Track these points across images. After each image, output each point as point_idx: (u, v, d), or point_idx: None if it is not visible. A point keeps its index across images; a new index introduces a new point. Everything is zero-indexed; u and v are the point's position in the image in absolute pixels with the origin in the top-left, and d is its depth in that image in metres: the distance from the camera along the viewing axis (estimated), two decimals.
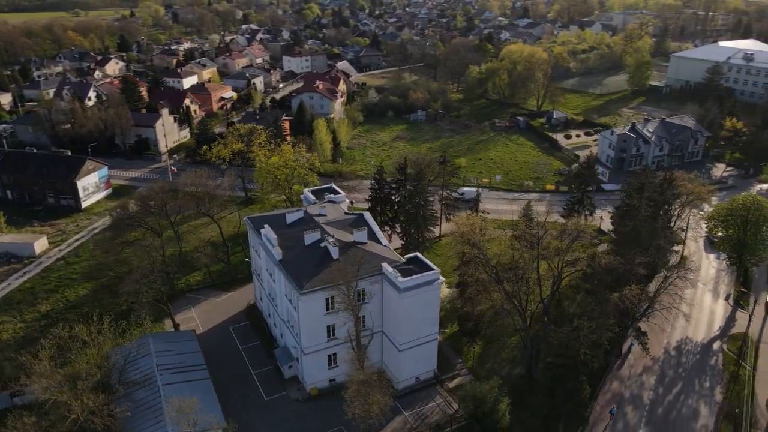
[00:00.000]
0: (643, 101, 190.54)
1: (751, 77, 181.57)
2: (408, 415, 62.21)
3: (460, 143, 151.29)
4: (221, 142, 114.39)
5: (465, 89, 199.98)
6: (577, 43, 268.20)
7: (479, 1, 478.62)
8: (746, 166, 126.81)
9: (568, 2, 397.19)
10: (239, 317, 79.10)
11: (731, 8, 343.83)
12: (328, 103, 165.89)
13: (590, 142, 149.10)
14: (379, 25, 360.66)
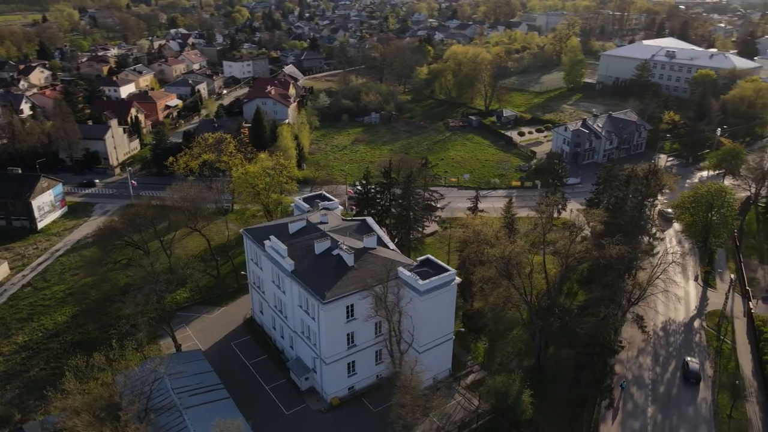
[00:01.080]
0: (580, 98, 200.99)
1: (674, 73, 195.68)
2: (432, 415, 63.17)
3: (419, 144, 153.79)
4: (188, 153, 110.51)
5: (413, 90, 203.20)
6: (509, 43, 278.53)
7: (407, 3, 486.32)
8: (686, 155, 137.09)
9: (493, 4, 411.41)
10: (239, 332, 77.19)
11: (644, 9, 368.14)
12: (282, 109, 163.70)
13: (541, 139, 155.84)
14: (313, 27, 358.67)
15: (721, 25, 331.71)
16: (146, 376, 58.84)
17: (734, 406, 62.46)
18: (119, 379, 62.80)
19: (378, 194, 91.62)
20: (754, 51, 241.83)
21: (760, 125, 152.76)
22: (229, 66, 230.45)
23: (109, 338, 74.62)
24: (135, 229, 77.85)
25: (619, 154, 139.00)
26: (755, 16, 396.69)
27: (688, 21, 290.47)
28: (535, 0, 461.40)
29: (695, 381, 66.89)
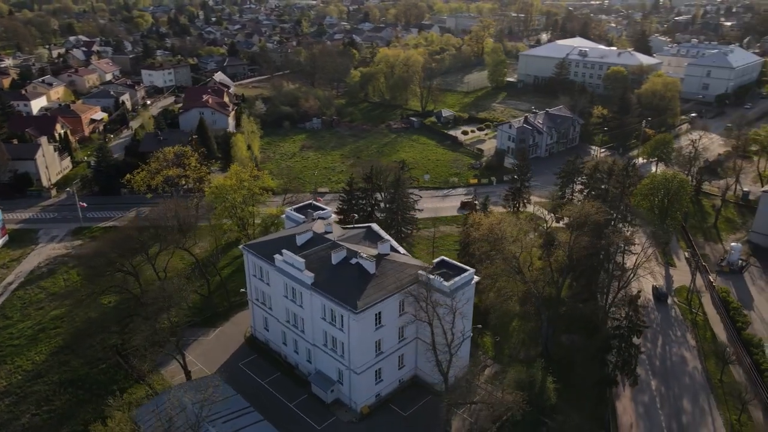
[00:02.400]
0: (505, 96, 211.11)
1: (587, 70, 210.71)
2: (461, 412, 64.82)
3: (367, 147, 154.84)
4: (146, 169, 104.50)
5: (347, 94, 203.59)
6: (427, 45, 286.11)
7: (314, 6, 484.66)
8: (617, 147, 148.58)
9: (403, 6, 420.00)
10: (243, 352, 74.66)
11: (544, 11, 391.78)
12: (222, 118, 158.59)
13: (483, 137, 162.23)
14: (224, 32, 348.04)
15: (612, 26, 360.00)
16: (169, 407, 55.89)
17: (723, 371, 69.46)
18: (140, 414, 59.32)
19: (362, 199, 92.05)
20: (647, 49, 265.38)
21: (671, 116, 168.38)
22: (149, 75, 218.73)
23: (100, 373, 70.51)
24: (125, 254, 72.67)
25: (558, 147, 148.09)
26: (637, 16, 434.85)
27: (587, 22, 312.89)
28: (440, 3, 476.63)
29: (664, 299, 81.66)
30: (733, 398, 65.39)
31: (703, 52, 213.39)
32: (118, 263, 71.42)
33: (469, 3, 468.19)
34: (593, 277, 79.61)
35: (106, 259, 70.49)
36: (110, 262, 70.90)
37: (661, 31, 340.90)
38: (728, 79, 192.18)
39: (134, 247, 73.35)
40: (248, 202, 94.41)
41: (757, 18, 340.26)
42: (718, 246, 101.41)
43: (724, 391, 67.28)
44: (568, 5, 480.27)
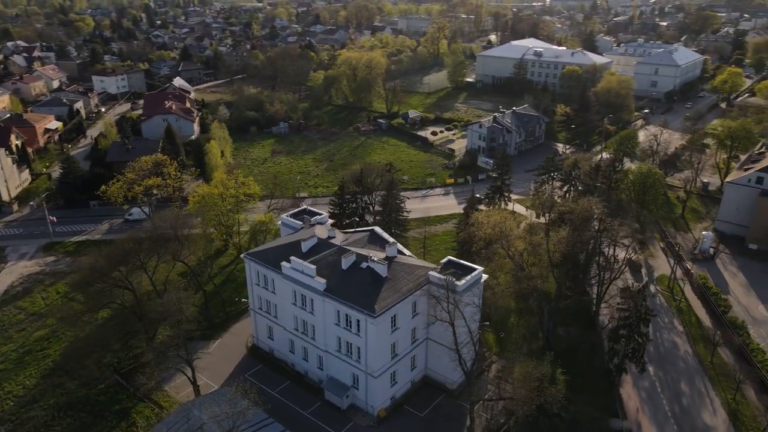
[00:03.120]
0: (466, 96, 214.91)
1: (543, 70, 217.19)
2: (477, 409, 65.83)
3: (339, 150, 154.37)
4: (120, 180, 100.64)
5: (310, 97, 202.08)
6: (382, 46, 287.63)
7: (264, 8, 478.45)
8: (580, 143, 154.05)
9: (354, 8, 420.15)
10: (247, 362, 73.25)
11: (492, 12, 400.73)
12: (187, 125, 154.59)
13: (452, 137, 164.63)
14: (173, 36, 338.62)
15: (558, 26, 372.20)
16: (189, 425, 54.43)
17: (713, 354, 73.44)
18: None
19: (352, 203, 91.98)
20: (594, 48, 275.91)
21: (626, 112, 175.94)
22: (101, 81, 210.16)
23: (99, 394, 67.80)
24: (122, 268, 69.75)
25: (526, 145, 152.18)
26: (579, 17, 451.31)
27: (537, 23, 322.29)
28: (389, 5, 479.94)
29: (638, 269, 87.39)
30: (727, 379, 69.36)
31: (649, 51, 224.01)
32: (117, 278, 68.44)
33: (418, 5, 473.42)
34: (583, 270, 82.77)
35: (102, 274, 67.43)
36: (108, 277, 67.85)
37: (603, 32, 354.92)
38: (675, 77, 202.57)
39: (132, 261, 70.44)
40: (234, 210, 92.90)
41: (691, 17, 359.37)
42: (688, 235, 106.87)
43: (716, 373, 71.13)
44: (512, 6, 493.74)
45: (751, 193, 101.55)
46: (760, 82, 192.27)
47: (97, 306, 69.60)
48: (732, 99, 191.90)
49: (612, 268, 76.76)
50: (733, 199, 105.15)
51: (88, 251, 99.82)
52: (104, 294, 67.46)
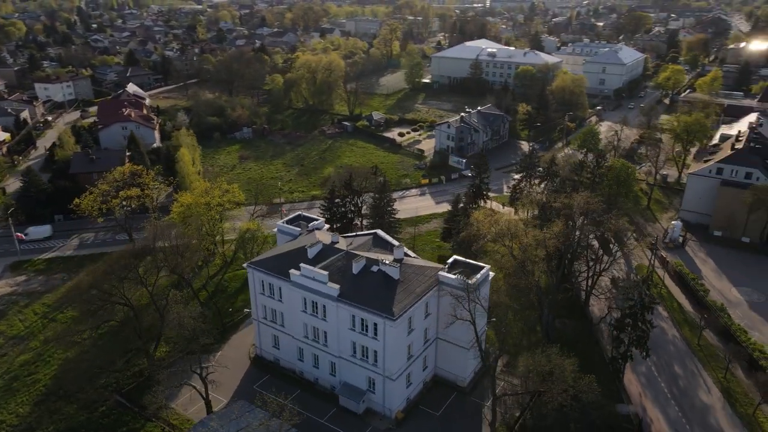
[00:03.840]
0: (425, 97, 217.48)
1: (497, 70, 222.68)
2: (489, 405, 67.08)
3: (308, 154, 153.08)
4: (94, 192, 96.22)
5: (271, 101, 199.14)
6: (334, 48, 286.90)
7: (206, 11, 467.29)
8: (543, 140, 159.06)
9: (301, 10, 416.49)
10: (253, 374, 71.82)
11: (439, 13, 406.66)
12: (149, 132, 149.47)
13: (418, 138, 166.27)
14: (114, 41, 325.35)
15: (504, 27, 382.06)
16: None
17: (699, 337, 77.83)
18: None
19: (342, 206, 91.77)
20: (542, 48, 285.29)
21: (581, 110, 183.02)
22: (45, 88, 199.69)
23: (102, 417, 65.03)
24: (122, 283, 66.68)
25: (492, 144, 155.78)
26: (519, 18, 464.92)
27: (485, 24, 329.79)
28: (334, 7, 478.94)
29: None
30: (715, 360, 73.72)
31: (595, 51, 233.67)
32: (117, 295, 65.39)
33: (363, 6, 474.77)
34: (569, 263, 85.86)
35: (102, 291, 64.34)
36: (107, 294, 64.77)
37: (544, 32, 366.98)
38: (621, 75, 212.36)
39: (131, 277, 67.51)
40: (219, 219, 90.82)
41: (625, 18, 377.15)
42: (656, 225, 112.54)
43: (704, 354, 75.42)
44: (455, 8, 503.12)
45: (713, 184, 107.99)
46: (699, 78, 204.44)
47: (96, 324, 66.34)
48: (674, 95, 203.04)
49: (601, 260, 80.00)
50: (695, 189, 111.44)
51: (59, 268, 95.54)
52: (106, 311, 64.35)
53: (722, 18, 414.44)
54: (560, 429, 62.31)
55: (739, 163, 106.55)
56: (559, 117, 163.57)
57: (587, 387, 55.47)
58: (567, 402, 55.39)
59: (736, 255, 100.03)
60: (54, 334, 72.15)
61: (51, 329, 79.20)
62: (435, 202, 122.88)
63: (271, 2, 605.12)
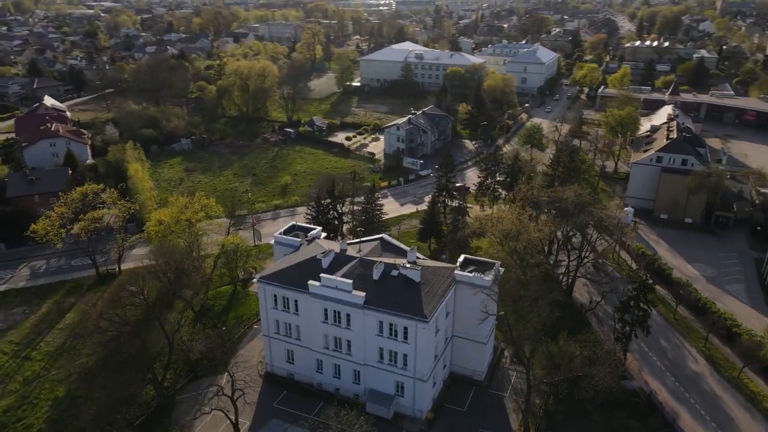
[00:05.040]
0: (359, 100, 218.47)
1: (426, 71, 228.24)
2: (508, 395, 69.53)
3: (257, 163, 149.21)
4: (50, 215, 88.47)
5: (204, 110, 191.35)
6: (254, 54, 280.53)
7: (104, 17, 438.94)
8: (485, 139, 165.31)
9: (209, 15, 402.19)
10: (267, 391, 69.74)
11: (353, 17, 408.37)
12: (81, 148, 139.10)
13: (364, 140, 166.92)
14: (4, 49, 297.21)
15: (419, 29, 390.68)
16: None
17: (675, 311, 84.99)
18: None
19: (328, 212, 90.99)
20: (459, 50, 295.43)
21: (513, 107, 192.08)
22: None
23: None
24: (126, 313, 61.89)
25: (439, 144, 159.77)
26: (428, 20, 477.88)
27: (403, 27, 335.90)
28: (242, 11, 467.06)
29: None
30: (691, 331, 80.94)
31: (515, 51, 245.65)
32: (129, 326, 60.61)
33: (273, 11, 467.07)
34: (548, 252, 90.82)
35: (113, 321, 59.45)
36: (121, 323, 59.93)
37: (455, 34, 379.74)
38: (541, 73, 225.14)
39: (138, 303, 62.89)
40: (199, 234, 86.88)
41: (529, 20, 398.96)
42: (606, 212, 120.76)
43: (682, 327, 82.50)
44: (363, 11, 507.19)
45: (654, 171, 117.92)
46: (610, 75, 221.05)
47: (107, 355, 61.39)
48: (591, 91, 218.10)
49: (585, 248, 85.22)
50: (638, 177, 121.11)
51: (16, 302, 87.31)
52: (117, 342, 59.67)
53: (611, 19, 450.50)
54: (579, 409, 65.81)
55: (675, 151, 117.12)
56: (499, 115, 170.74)
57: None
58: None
59: (683, 235, 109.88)
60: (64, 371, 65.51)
61: (28, 368, 72.22)
62: (399, 204, 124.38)
63: (170, 6, 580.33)
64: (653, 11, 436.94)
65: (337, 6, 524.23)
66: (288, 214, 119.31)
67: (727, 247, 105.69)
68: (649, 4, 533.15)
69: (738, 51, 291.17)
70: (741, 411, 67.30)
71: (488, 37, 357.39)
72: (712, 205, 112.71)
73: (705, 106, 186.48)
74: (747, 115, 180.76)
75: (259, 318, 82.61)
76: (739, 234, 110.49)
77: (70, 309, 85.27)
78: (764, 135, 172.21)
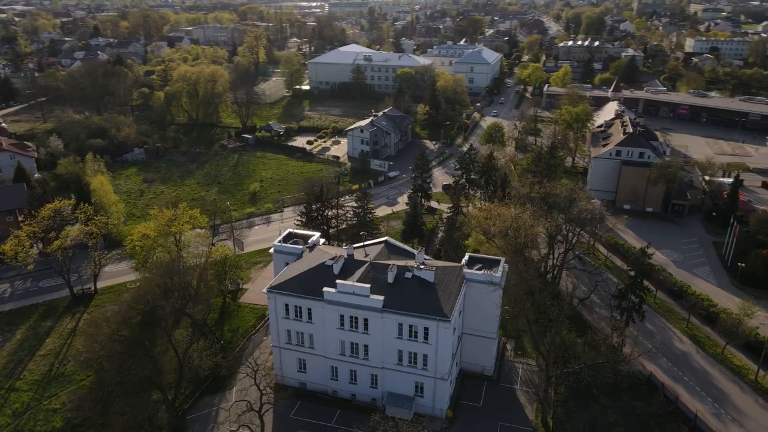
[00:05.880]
0: (310, 103, 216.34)
1: (377, 73, 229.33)
2: (519, 387, 71.39)
3: (219, 171, 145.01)
4: (19, 235, 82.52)
5: (152, 117, 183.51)
6: (194, 58, 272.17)
7: (21, 21, 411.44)
8: (444, 137, 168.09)
9: (137, 18, 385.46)
10: (282, 403, 67.89)
11: (290, 19, 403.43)
12: (29, 162, 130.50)
13: (327, 145, 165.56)
14: None
15: (358, 32, 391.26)
16: None
17: (655, 296, 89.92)
18: None
19: (318, 217, 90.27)
20: (401, 50, 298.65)
21: (466, 107, 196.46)
22: None
23: None
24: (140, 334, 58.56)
25: (400, 145, 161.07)
26: (364, 21, 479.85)
27: (344, 29, 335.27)
28: (171, 13, 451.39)
29: None
30: (671, 313, 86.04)
31: (460, 52, 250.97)
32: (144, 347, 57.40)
33: (206, 13, 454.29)
34: None
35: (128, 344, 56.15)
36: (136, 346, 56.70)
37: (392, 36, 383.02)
38: (487, 73, 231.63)
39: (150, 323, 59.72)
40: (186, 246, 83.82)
41: (464, 22, 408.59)
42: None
43: (663, 310, 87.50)
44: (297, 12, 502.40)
45: (614, 164, 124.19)
46: (552, 74, 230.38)
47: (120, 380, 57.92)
48: (535, 90, 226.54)
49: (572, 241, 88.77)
50: (599, 170, 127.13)
51: None
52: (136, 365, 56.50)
53: (540, 20, 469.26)
54: (587, 395, 68.55)
55: (633, 145, 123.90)
56: (455, 115, 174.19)
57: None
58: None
59: (646, 224, 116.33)
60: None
61: (16, 400, 67.23)
62: (373, 206, 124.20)
63: (89, 9, 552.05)
64: (577, 12, 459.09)
65: (268, 8, 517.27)
66: (262, 222, 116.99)
67: (687, 233, 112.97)
68: (571, 6, 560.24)
69: (660, 49, 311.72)
70: (730, 384, 72.34)
71: (427, 38, 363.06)
72: (669, 195, 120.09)
73: (642, 102, 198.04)
74: (681, 109, 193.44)
75: (255, 330, 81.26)
76: (694, 220, 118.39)
77: (49, 334, 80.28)
78: (697, 127, 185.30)
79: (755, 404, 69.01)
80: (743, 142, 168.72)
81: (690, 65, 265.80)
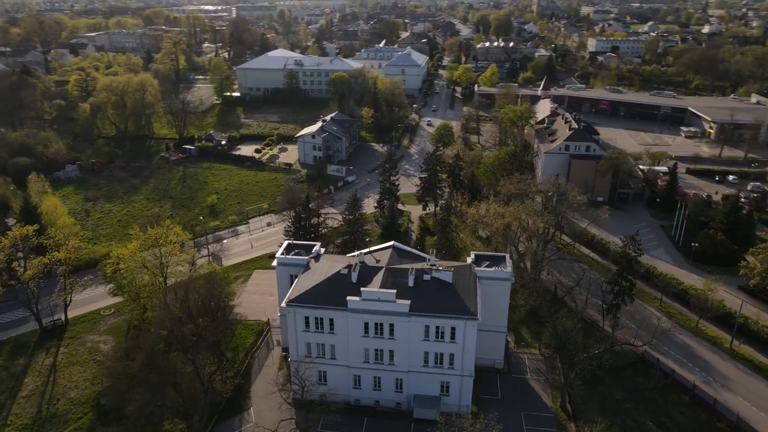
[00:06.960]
0: (244, 110, 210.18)
1: (310, 78, 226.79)
2: (530, 377, 74.11)
3: (168, 185, 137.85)
4: None
5: (78, 130, 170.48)
6: (106, 66, 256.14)
7: None
8: (391, 140, 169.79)
9: (33, 24, 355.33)
10: (303, 418, 65.99)
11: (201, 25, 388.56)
12: None
13: (275, 152, 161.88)
14: None
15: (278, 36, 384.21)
16: None
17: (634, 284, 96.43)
18: None
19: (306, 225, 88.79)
20: (325, 54, 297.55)
21: (405, 108, 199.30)
22: None
23: None
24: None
25: (351, 148, 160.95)
26: (276, 25, 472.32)
27: (264, 33, 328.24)
28: (66, 18, 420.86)
29: None
30: (644, 294, 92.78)
31: (389, 55, 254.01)
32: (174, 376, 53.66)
33: (106, 18, 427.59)
34: None
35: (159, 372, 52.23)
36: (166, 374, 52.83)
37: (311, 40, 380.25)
38: (418, 75, 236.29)
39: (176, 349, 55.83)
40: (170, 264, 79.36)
41: (381, 24, 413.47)
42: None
43: (637, 291, 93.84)
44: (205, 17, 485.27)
45: (563, 158, 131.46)
46: (480, 74, 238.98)
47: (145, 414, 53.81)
48: (464, 90, 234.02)
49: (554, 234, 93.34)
50: (550, 164, 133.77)
51: None
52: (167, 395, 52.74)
53: (451, 22, 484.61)
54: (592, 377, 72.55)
55: (579, 139, 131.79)
56: (400, 117, 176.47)
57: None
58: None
59: None
60: None
61: None
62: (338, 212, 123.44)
63: None
64: (483, 15, 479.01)
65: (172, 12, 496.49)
66: (230, 235, 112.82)
67: (635, 219, 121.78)
68: (476, 9, 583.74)
69: (567, 49, 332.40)
70: (711, 354, 79.31)
71: (346, 42, 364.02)
72: (615, 185, 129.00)
73: (566, 99, 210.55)
74: (602, 105, 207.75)
75: (258, 347, 78.57)
76: (638, 206, 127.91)
77: (26, 372, 73.06)
78: (618, 121, 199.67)
79: (736, 370, 76.14)
80: (661, 133, 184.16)
81: (596, 64, 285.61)
